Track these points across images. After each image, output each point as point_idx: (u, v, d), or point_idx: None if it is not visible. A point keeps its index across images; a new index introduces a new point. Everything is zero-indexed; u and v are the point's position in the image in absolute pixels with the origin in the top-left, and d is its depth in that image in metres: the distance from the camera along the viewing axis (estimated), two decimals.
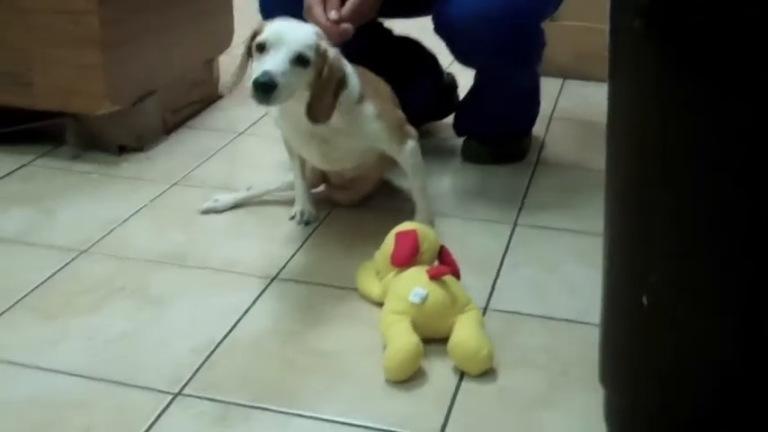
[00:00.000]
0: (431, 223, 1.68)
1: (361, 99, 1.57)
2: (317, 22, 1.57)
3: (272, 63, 1.38)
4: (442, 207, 1.84)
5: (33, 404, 1.24)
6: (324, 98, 1.47)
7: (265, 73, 1.37)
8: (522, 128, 2.09)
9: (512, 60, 1.85)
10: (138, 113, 2.06)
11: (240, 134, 2.22)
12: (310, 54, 1.42)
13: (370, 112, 1.58)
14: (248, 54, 1.48)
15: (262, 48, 1.41)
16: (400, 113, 1.68)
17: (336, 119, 1.52)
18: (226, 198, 1.82)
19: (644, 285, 1.05)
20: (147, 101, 2.08)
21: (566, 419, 1.23)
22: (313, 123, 1.49)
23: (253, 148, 2.16)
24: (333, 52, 1.48)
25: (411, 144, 1.66)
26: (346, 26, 1.59)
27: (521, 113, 2.06)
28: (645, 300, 1.05)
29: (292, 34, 1.42)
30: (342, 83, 1.50)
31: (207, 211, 1.80)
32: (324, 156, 1.65)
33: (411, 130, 1.68)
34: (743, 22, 0.89)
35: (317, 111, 1.47)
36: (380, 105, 1.61)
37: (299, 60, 1.41)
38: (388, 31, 2.13)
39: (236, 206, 1.82)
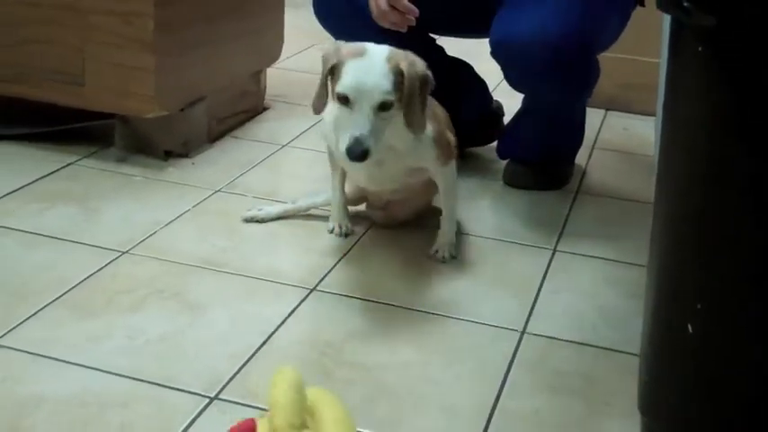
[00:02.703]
0: (452, 245, 1.72)
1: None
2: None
3: (359, 125, 1.43)
4: (482, 229, 1.84)
5: (72, 401, 1.26)
6: (414, 108, 1.50)
7: (356, 141, 1.42)
8: (565, 155, 2.09)
9: (564, 85, 1.85)
10: (185, 120, 2.09)
11: (283, 146, 2.24)
12: (391, 97, 1.46)
13: (429, 134, 1.60)
14: (325, 80, 1.53)
15: (344, 100, 1.46)
16: (451, 137, 1.70)
17: (396, 138, 1.55)
18: (270, 209, 1.84)
19: (690, 313, 1.05)
20: (196, 107, 2.11)
21: None
22: (415, 133, 1.54)
23: (296, 161, 2.17)
24: (406, 63, 1.49)
25: (451, 165, 1.69)
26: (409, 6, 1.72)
27: (565, 141, 2.06)
28: (690, 327, 1.05)
29: (370, 85, 1.45)
30: (425, 83, 1.52)
31: (249, 220, 1.81)
32: (370, 175, 1.66)
33: (455, 152, 1.70)
34: None
35: (414, 122, 1.52)
36: (437, 128, 1.63)
37: (383, 107, 1.46)
38: (441, 49, 2.14)
39: (279, 218, 1.83)
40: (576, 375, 1.38)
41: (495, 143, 2.14)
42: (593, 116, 2.43)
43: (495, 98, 2.28)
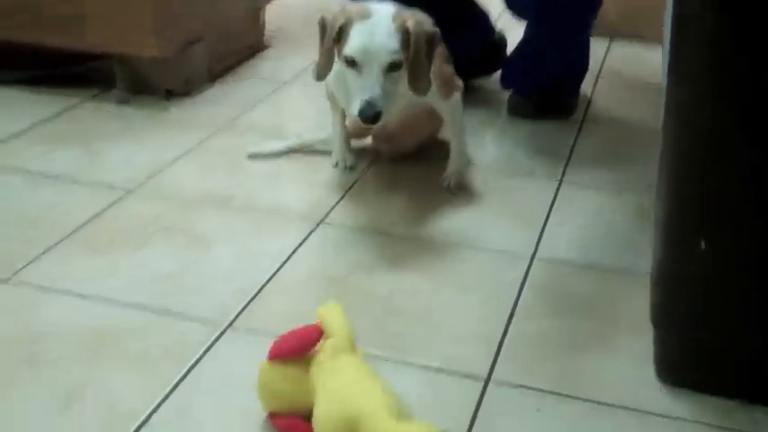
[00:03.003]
0: (462, 175, 1.72)
1: None
2: None
3: (369, 87, 1.44)
4: (488, 160, 1.83)
5: (87, 332, 1.26)
6: (420, 69, 1.49)
7: (368, 104, 1.43)
8: (569, 83, 2.07)
9: (568, 9, 1.83)
10: (185, 59, 2.07)
11: (285, 84, 2.22)
12: (399, 56, 1.46)
13: None
14: (331, 44, 1.50)
15: (352, 63, 1.45)
16: (450, 69, 1.68)
17: None
18: (274, 144, 1.83)
19: (702, 229, 1.04)
20: (195, 46, 2.09)
21: (613, 362, 1.23)
22: (419, 96, 1.54)
23: (297, 98, 2.16)
24: (413, 22, 1.48)
25: (456, 97, 1.68)
26: None
27: (569, 68, 2.04)
28: (703, 244, 1.05)
29: (378, 46, 1.44)
30: (432, 42, 1.51)
31: (254, 156, 1.80)
32: None
33: (458, 83, 1.69)
34: None
35: (419, 84, 1.51)
36: (435, 63, 1.60)
37: (392, 67, 1.45)
38: None
39: (283, 153, 1.82)
40: (586, 297, 1.38)
41: (498, 74, 2.12)
42: (597, 45, 2.41)
43: (497, 29, 2.25)
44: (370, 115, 1.43)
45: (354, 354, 1.04)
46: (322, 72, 1.55)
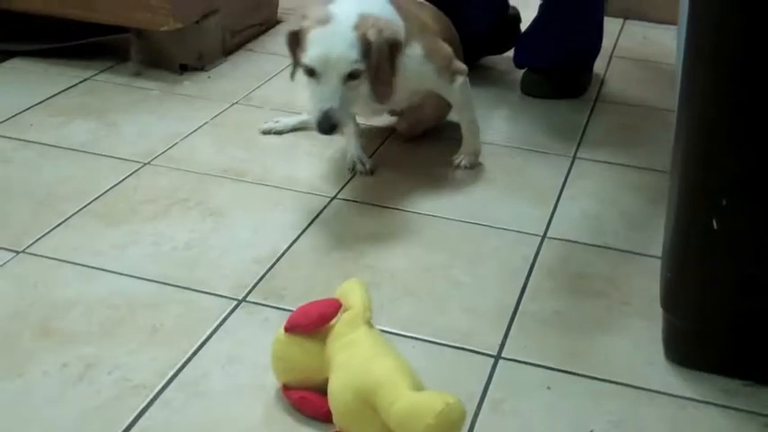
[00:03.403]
0: (475, 156, 1.71)
1: (406, 40, 1.50)
2: None
3: (327, 98, 1.38)
4: (500, 138, 1.84)
5: (103, 303, 1.28)
6: (382, 78, 1.43)
7: (324, 116, 1.37)
8: (583, 62, 2.07)
9: None
10: (200, 32, 2.08)
11: None
12: (359, 65, 1.39)
13: (416, 53, 1.53)
14: (292, 51, 1.47)
15: (310, 72, 1.40)
16: (448, 50, 1.62)
17: None
18: (288, 120, 1.84)
19: (715, 209, 1.05)
20: (210, 20, 2.09)
21: (622, 343, 1.24)
22: (381, 105, 1.50)
23: None
24: (374, 31, 1.40)
25: (459, 80, 1.63)
26: None
27: (583, 47, 2.04)
28: (715, 224, 1.05)
29: (336, 55, 1.37)
30: (395, 49, 1.45)
31: (267, 131, 1.82)
32: (373, 109, 1.64)
33: (460, 66, 1.64)
34: None
35: (380, 93, 1.45)
36: (427, 45, 1.56)
37: (351, 76, 1.39)
38: None
39: (296, 129, 1.83)
40: (597, 277, 1.39)
41: (511, 52, 2.12)
42: (610, 25, 2.40)
43: (511, 6, 2.25)
44: (326, 127, 1.38)
45: (372, 327, 1.05)
46: (293, 74, 1.53)
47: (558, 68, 2.01)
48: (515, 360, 1.20)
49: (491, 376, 1.17)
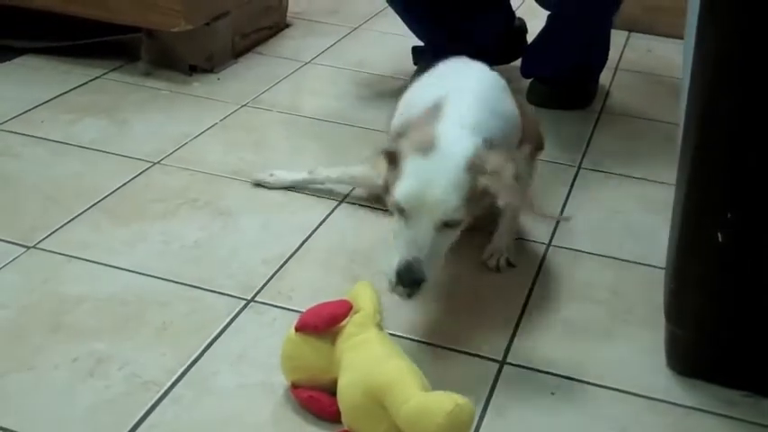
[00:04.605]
0: (510, 249, 1.43)
1: (521, 142, 1.32)
2: None
3: (415, 245, 1.10)
4: None
5: (113, 300, 1.30)
6: (509, 224, 1.30)
7: (407, 267, 1.09)
8: (589, 73, 2.09)
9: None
10: (210, 34, 2.09)
11: (306, 63, 2.24)
12: (460, 214, 1.12)
13: (524, 154, 1.33)
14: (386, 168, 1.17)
15: (399, 209, 1.13)
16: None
17: None
18: (282, 175, 1.63)
19: (720, 222, 1.07)
20: (220, 22, 2.11)
21: (625, 351, 1.26)
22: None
23: (318, 78, 2.18)
24: (491, 176, 1.11)
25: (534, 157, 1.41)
26: None
27: (590, 59, 2.06)
28: (720, 237, 1.07)
29: (432, 199, 1.10)
30: (523, 186, 1.18)
31: (258, 183, 1.62)
32: None
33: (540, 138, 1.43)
34: None
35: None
36: (533, 143, 1.38)
37: (448, 225, 1.13)
38: None
39: (290, 187, 1.62)
40: (601, 287, 1.41)
41: (518, 62, 2.14)
42: (616, 37, 2.41)
43: (518, 16, 2.27)
44: (407, 283, 1.10)
45: (381, 329, 1.07)
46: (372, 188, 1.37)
47: (565, 79, 2.03)
48: (520, 366, 1.22)
49: (496, 381, 1.19)
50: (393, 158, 1.14)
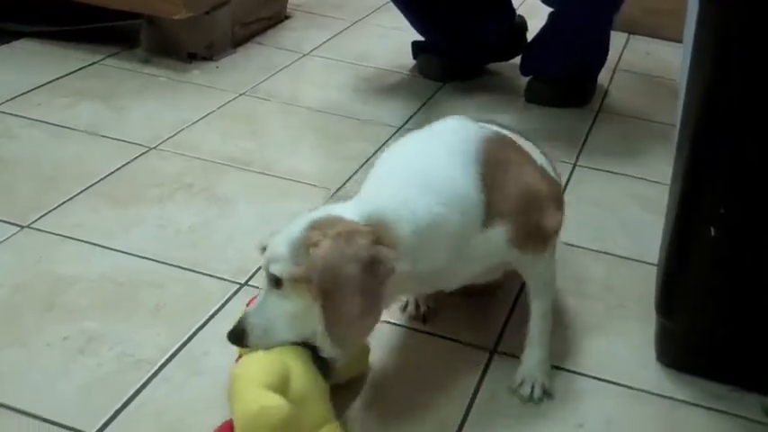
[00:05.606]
0: (545, 375, 1.17)
1: (488, 222, 1.06)
2: None
3: (255, 304, 1.02)
4: None
5: (107, 280, 1.30)
6: (333, 312, 0.95)
7: (239, 320, 1.01)
8: (588, 72, 2.10)
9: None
10: (210, 22, 2.10)
11: (305, 54, 2.24)
12: (281, 270, 0.97)
13: (500, 239, 1.07)
14: None
15: None
16: (550, 226, 1.13)
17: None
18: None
19: (713, 217, 1.08)
20: (220, 10, 2.11)
21: (617, 344, 1.27)
22: (335, 353, 0.98)
23: (317, 69, 2.18)
24: (330, 240, 0.94)
25: (549, 252, 1.16)
26: None
27: (589, 58, 2.07)
28: (712, 231, 1.08)
29: (268, 251, 1.00)
30: (371, 272, 0.95)
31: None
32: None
33: (556, 220, 1.15)
34: None
35: (335, 335, 0.95)
36: (519, 228, 1.07)
37: (276, 282, 0.99)
38: None
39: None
40: (594, 281, 1.41)
41: (517, 59, 2.15)
42: (615, 39, 2.43)
43: (518, 14, 2.27)
44: (230, 334, 1.01)
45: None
46: None
47: (564, 78, 2.04)
48: (511, 355, 1.22)
49: (486, 370, 1.19)
50: None
